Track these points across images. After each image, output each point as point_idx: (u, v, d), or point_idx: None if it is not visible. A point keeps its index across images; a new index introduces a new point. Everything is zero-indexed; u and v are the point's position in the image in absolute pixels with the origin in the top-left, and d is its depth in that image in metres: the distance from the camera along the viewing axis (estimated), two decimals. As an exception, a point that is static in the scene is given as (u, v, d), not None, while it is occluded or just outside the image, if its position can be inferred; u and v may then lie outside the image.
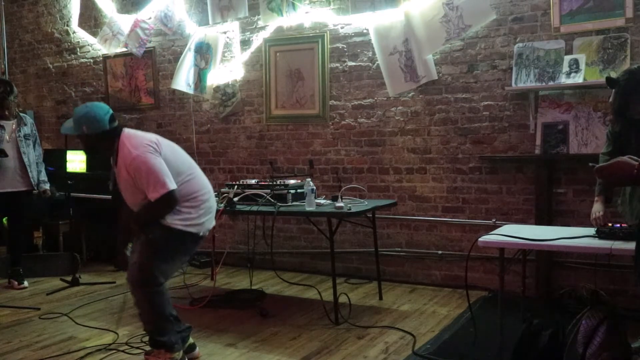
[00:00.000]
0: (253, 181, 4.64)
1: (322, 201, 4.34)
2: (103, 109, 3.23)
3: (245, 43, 5.81)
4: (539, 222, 4.45)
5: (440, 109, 4.95)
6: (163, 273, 3.19)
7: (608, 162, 2.17)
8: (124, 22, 6.38)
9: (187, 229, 3.18)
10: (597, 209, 3.43)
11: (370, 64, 5.22)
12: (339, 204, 4.10)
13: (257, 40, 5.73)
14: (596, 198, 3.51)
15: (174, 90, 6.16)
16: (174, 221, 3.15)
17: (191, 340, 3.48)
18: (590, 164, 2.27)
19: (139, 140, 3.15)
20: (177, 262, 3.28)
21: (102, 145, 3.22)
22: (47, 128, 7.31)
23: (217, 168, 6.12)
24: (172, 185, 3.06)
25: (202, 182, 3.34)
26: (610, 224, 3.13)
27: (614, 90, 3.10)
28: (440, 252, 5.00)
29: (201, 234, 3.29)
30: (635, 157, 2.18)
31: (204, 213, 3.27)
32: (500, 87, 4.69)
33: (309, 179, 4.19)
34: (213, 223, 3.40)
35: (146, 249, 3.14)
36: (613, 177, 2.16)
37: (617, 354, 2.70)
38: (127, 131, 3.24)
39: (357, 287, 5.04)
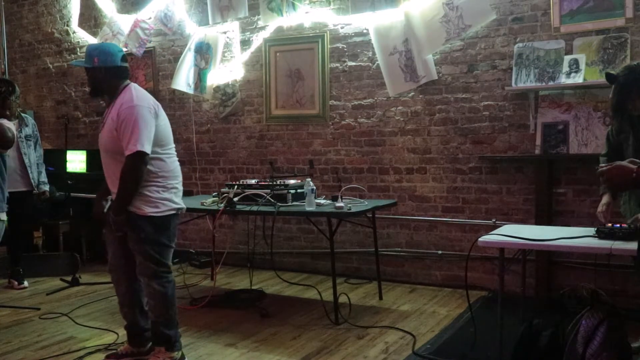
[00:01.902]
0: (253, 181, 4.64)
1: (322, 201, 4.34)
2: (117, 46, 3.36)
3: (245, 43, 5.81)
4: (539, 222, 4.45)
5: (440, 109, 4.95)
6: (169, 258, 3.30)
7: (607, 166, 2.17)
8: (124, 22, 6.38)
9: (167, 213, 3.22)
10: (604, 201, 3.41)
11: (370, 64, 5.22)
12: (339, 204, 4.10)
13: (257, 40, 5.73)
14: (601, 195, 3.50)
15: (174, 90, 6.16)
16: (152, 210, 3.16)
17: None
18: (596, 167, 2.27)
19: (145, 96, 3.22)
20: (173, 244, 3.32)
21: (108, 83, 3.23)
22: (47, 128, 7.31)
23: (217, 168, 6.12)
24: (148, 148, 3.09)
25: (175, 167, 3.35)
26: (610, 224, 3.13)
27: (613, 86, 3.10)
28: (440, 252, 5.00)
29: (179, 213, 3.34)
30: (636, 160, 2.18)
31: (174, 195, 3.29)
32: (500, 87, 4.69)
33: (309, 179, 4.19)
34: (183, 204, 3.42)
35: (144, 247, 3.18)
36: (613, 180, 2.16)
37: (617, 354, 2.70)
38: (137, 85, 3.31)
39: (357, 287, 5.04)
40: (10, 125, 3.61)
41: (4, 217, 3.68)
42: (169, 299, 3.26)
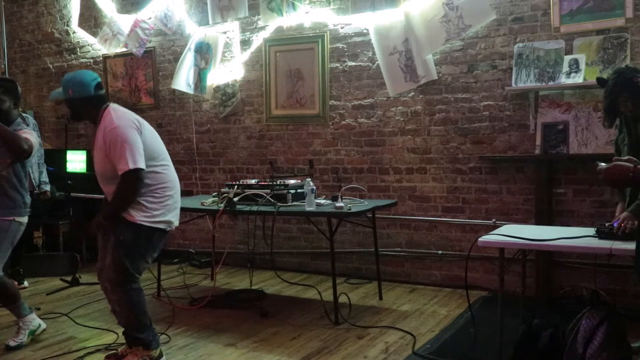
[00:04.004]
0: (253, 181, 4.64)
1: (322, 201, 4.34)
2: (91, 75, 3.33)
3: (245, 43, 5.81)
4: (539, 222, 4.45)
5: (440, 109, 4.95)
6: (137, 270, 3.26)
7: (606, 165, 2.21)
8: (124, 22, 6.38)
9: (154, 225, 3.23)
10: (618, 214, 3.37)
11: (370, 64, 5.22)
12: (339, 204, 4.10)
13: (257, 40, 5.73)
14: (616, 203, 3.50)
15: (174, 90, 6.16)
16: (141, 218, 3.18)
17: None
18: (597, 162, 2.30)
19: (125, 115, 3.23)
20: (148, 258, 3.32)
21: (87, 112, 3.27)
22: (47, 128, 7.31)
23: (217, 168, 6.12)
24: (141, 164, 3.10)
25: (172, 177, 3.37)
26: (609, 224, 3.13)
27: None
28: (440, 252, 5.00)
29: (168, 229, 3.34)
30: (633, 158, 2.20)
31: (169, 209, 3.30)
32: (500, 87, 4.69)
33: (309, 179, 4.19)
34: (177, 222, 3.41)
35: (118, 250, 3.19)
36: (611, 179, 2.20)
37: (617, 354, 2.70)
38: (115, 105, 3.32)
39: (357, 287, 5.04)
40: (30, 136, 3.65)
41: (25, 220, 3.74)
42: (134, 305, 3.24)
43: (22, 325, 3.80)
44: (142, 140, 3.17)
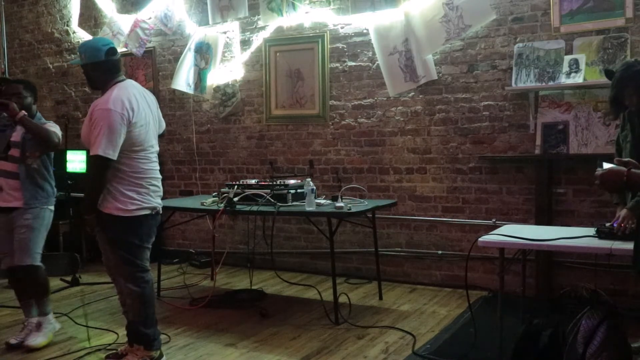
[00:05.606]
0: (253, 181, 4.64)
1: (322, 201, 4.34)
2: (103, 40, 3.32)
3: (245, 43, 5.81)
4: (539, 222, 4.45)
5: (440, 109, 4.95)
6: (142, 258, 3.27)
7: (602, 171, 2.25)
8: (124, 22, 6.38)
9: (137, 213, 3.19)
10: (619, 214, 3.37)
11: (370, 64, 5.22)
12: (339, 204, 4.10)
13: (257, 40, 5.73)
14: (616, 204, 3.49)
15: (174, 90, 6.16)
16: (120, 208, 3.15)
17: None
18: (599, 161, 2.32)
19: (123, 100, 3.11)
20: (145, 244, 3.29)
21: (99, 78, 3.24)
22: (47, 128, 7.30)
23: (217, 168, 6.12)
24: (110, 154, 3.05)
25: (149, 168, 3.29)
26: (609, 224, 3.13)
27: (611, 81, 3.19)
28: (440, 252, 5.00)
29: (154, 212, 3.31)
30: (633, 161, 2.21)
31: (147, 194, 3.25)
32: (500, 87, 4.69)
33: (309, 179, 4.19)
34: (160, 205, 3.37)
35: (114, 248, 3.20)
36: (607, 183, 2.23)
37: (617, 354, 2.70)
38: (127, 84, 3.25)
39: (357, 287, 5.04)
40: (57, 129, 3.79)
41: (53, 208, 3.94)
42: (146, 298, 3.26)
43: (28, 325, 3.81)
44: (128, 130, 3.09)
